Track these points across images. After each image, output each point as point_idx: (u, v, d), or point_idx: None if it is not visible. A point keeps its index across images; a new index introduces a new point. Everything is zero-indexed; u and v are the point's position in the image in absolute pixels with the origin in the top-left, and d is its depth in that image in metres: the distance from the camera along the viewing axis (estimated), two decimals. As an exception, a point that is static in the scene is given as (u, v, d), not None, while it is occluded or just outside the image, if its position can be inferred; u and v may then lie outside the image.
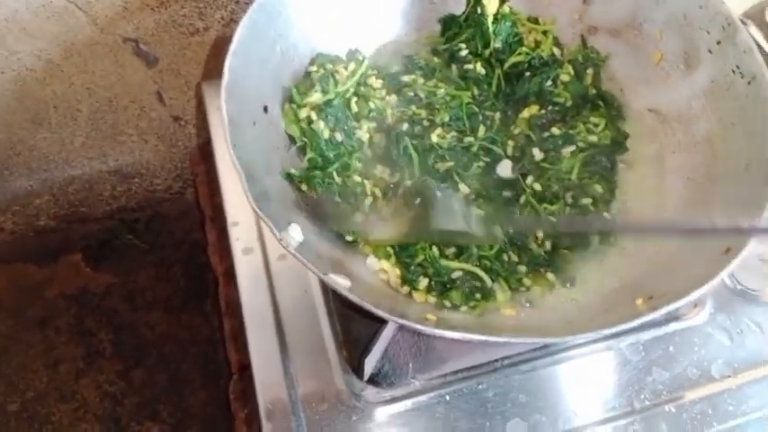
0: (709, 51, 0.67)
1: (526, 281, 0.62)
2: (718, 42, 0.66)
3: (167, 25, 0.91)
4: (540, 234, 0.63)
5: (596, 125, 0.69)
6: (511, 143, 0.70)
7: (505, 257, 0.63)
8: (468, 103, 0.71)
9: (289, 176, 0.63)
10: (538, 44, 0.75)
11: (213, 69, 0.99)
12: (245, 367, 0.85)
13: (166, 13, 0.89)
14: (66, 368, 1.12)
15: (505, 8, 0.74)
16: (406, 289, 0.62)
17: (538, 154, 0.67)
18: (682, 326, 0.67)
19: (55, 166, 1.08)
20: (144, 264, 1.21)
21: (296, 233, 0.57)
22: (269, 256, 0.73)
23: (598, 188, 0.65)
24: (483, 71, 0.73)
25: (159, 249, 1.23)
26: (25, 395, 1.10)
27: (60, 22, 0.87)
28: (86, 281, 1.20)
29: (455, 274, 0.62)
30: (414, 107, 0.72)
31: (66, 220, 1.20)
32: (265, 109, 0.66)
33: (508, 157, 0.68)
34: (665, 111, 0.70)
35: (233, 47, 0.62)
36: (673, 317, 0.67)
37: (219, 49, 0.96)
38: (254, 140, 0.62)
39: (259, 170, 0.61)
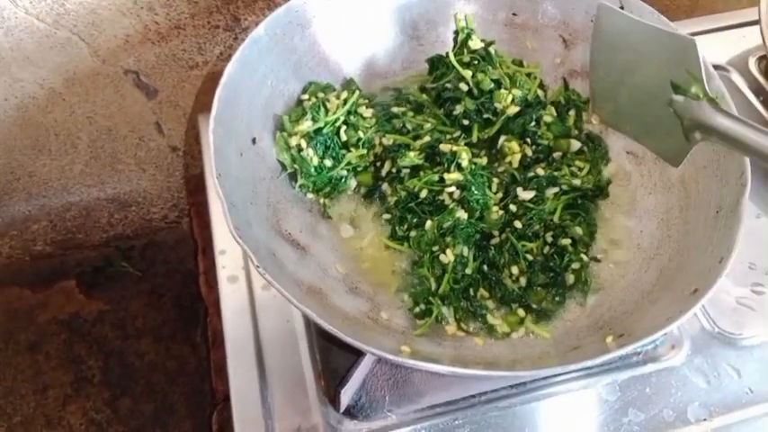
0: (685, 97, 0.68)
1: (490, 318, 0.63)
2: (694, 88, 0.68)
3: (168, 59, 0.94)
4: (516, 270, 0.64)
5: (581, 169, 0.70)
6: (496, 180, 0.71)
7: (472, 292, 0.64)
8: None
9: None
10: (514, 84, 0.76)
11: (207, 101, 1.01)
12: (228, 398, 0.86)
13: (167, 48, 0.93)
14: (54, 394, 1.12)
15: (491, 50, 0.76)
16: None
17: (522, 193, 0.68)
18: (658, 367, 0.67)
19: (53, 192, 1.10)
20: (136, 292, 1.22)
21: None
22: (254, 285, 0.74)
23: (578, 230, 0.66)
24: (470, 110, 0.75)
25: (152, 278, 1.24)
26: (12, 419, 1.10)
27: (63, 53, 0.90)
28: (78, 307, 1.21)
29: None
30: (402, 136, 0.73)
31: (63, 246, 1.21)
32: (254, 140, 0.68)
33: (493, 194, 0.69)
34: (642, 153, 0.72)
35: (223, 80, 0.65)
36: (650, 358, 0.67)
37: (214, 82, 0.98)
38: (241, 171, 0.64)
39: (244, 200, 0.62)
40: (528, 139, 0.72)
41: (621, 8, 0.71)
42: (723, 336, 0.70)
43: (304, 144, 0.69)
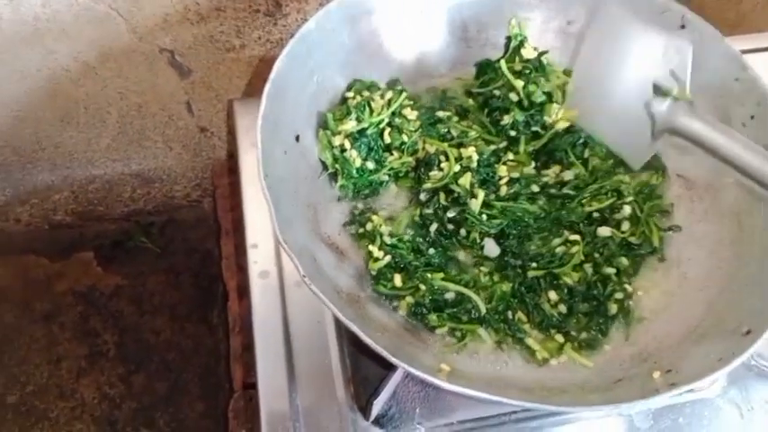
0: (743, 125, 0.66)
1: (530, 342, 0.62)
2: (752, 117, 0.66)
3: (204, 40, 0.92)
4: (554, 296, 0.63)
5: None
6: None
7: (510, 315, 0.63)
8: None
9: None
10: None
11: (241, 85, 1.00)
12: (248, 386, 0.85)
13: (205, 29, 0.90)
14: (68, 366, 1.12)
15: (543, 60, 0.74)
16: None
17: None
18: (693, 397, 0.66)
19: (78, 164, 1.09)
20: (154, 268, 1.22)
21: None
22: (285, 282, 0.73)
23: (623, 261, 0.65)
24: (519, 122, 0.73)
25: (171, 255, 1.23)
26: (25, 389, 1.10)
27: (100, 27, 0.88)
28: (96, 280, 1.20)
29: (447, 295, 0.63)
30: (446, 144, 0.71)
31: (83, 218, 1.20)
32: (297, 138, 0.66)
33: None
34: (694, 178, 0.70)
35: (272, 75, 0.62)
36: (685, 387, 0.67)
37: (250, 66, 0.97)
38: (284, 170, 0.63)
39: (287, 200, 0.61)
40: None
41: (683, 27, 0.68)
42: (759, 369, 0.69)
43: (348, 144, 0.68)
